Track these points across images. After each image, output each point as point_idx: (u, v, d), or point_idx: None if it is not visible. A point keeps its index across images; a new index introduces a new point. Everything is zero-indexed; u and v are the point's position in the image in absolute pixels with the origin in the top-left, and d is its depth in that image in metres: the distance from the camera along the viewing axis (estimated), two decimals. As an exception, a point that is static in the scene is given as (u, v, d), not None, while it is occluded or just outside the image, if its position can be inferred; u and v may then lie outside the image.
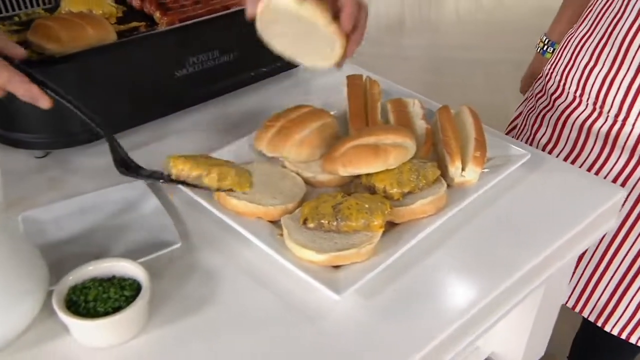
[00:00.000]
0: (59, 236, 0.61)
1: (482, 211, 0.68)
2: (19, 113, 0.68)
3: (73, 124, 0.70)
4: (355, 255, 0.57)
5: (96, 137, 0.72)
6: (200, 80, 0.78)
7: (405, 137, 0.66)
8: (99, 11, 0.80)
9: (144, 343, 0.52)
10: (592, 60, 0.89)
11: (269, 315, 0.55)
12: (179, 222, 0.65)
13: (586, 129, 0.92)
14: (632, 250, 0.92)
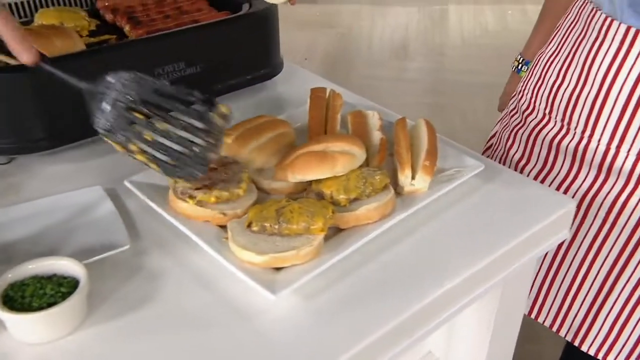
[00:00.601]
0: (10, 237, 0.63)
1: (432, 219, 0.69)
2: (-18, 119, 0.71)
3: (36, 131, 0.73)
4: (295, 257, 0.59)
5: (60, 143, 0.75)
6: (165, 91, 0.81)
7: (353, 145, 0.68)
8: (71, 24, 0.84)
9: (80, 339, 0.54)
10: (559, 78, 0.91)
11: (208, 315, 0.56)
12: (132, 225, 0.67)
13: (555, 145, 0.93)
14: (604, 267, 0.93)
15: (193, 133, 0.60)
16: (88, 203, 0.69)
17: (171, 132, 0.60)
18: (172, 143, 0.59)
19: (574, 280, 0.98)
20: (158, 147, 0.60)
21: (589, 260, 0.95)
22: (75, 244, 0.63)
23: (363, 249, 0.63)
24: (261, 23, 0.90)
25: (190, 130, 0.60)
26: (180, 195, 0.65)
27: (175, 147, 0.60)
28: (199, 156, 0.60)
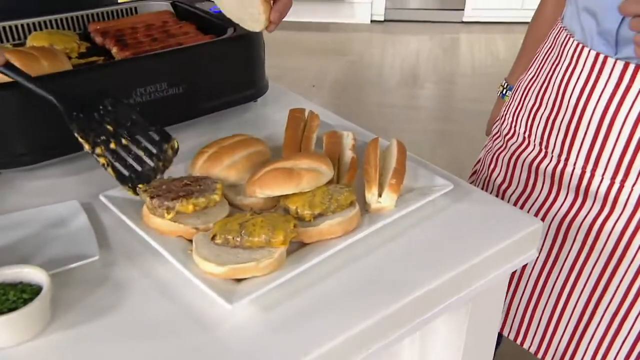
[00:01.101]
0: (-15, 247, 0.66)
1: (398, 236, 0.71)
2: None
3: (18, 146, 0.77)
4: (254, 268, 0.61)
5: (41, 159, 0.79)
6: (149, 110, 0.85)
7: (320, 163, 0.71)
8: (60, 46, 0.89)
9: (41, 345, 0.56)
10: (537, 102, 0.94)
11: (169, 324, 0.59)
12: (104, 238, 0.70)
13: (534, 168, 0.95)
14: (585, 291, 0.93)
15: (148, 156, 0.75)
16: (63, 216, 0.72)
17: (131, 149, 0.74)
18: (130, 157, 0.74)
19: (556, 304, 0.98)
20: (118, 156, 0.73)
21: (570, 284, 0.95)
22: (47, 255, 0.65)
23: (326, 263, 0.65)
24: (244, 46, 0.93)
25: (146, 153, 0.75)
26: (157, 210, 0.68)
27: (130, 161, 0.73)
28: (146, 173, 0.74)
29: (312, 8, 4.65)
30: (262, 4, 0.79)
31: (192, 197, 0.68)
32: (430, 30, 4.71)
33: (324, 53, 4.20)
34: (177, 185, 0.70)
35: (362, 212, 0.72)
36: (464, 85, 3.81)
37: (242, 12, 0.83)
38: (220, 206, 0.71)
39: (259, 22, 0.82)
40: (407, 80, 3.86)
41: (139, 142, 0.75)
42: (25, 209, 0.73)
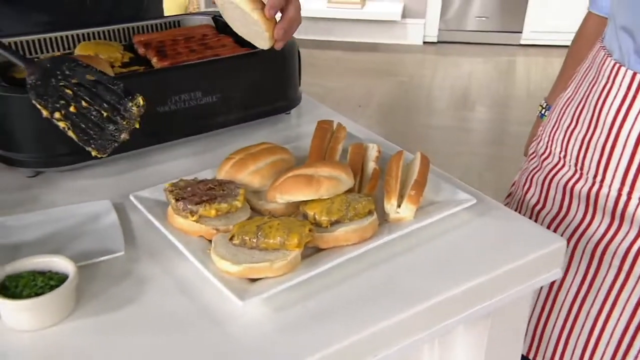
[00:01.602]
0: (21, 239, 0.72)
1: (415, 247, 0.73)
2: (14, 134, 0.82)
3: (59, 147, 0.83)
4: (268, 269, 0.64)
5: (80, 160, 0.85)
6: (182, 117, 0.90)
7: (340, 172, 0.74)
8: (105, 55, 0.96)
9: (64, 330, 0.61)
10: (573, 122, 0.94)
11: (184, 318, 0.62)
12: (131, 236, 0.75)
13: (569, 189, 0.94)
14: (622, 320, 0.91)
15: (111, 114, 0.75)
16: (95, 214, 0.77)
17: (93, 110, 0.75)
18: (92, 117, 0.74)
19: (591, 332, 0.96)
20: (79, 119, 0.74)
21: (606, 311, 0.93)
22: (77, 248, 0.71)
23: (340, 269, 0.68)
24: (277, 59, 0.98)
25: (110, 112, 0.75)
26: (181, 212, 0.72)
27: (94, 123, 0.74)
28: (112, 133, 0.75)
29: (362, 29, 4.72)
30: (264, 22, 0.81)
31: (215, 202, 0.72)
32: (485, 52, 4.69)
33: (372, 74, 4.25)
34: (201, 188, 0.74)
35: (382, 222, 0.75)
36: (518, 108, 3.76)
37: (250, 30, 0.85)
38: (241, 210, 0.74)
39: (265, 39, 0.83)
40: (457, 103, 3.85)
41: (101, 103, 0.75)
42: (61, 206, 0.79)
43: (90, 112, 0.74)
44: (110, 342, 0.60)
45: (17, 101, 0.79)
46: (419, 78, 4.21)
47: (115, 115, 0.75)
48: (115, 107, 0.75)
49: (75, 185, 0.86)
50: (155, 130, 0.90)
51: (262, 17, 0.81)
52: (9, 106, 0.80)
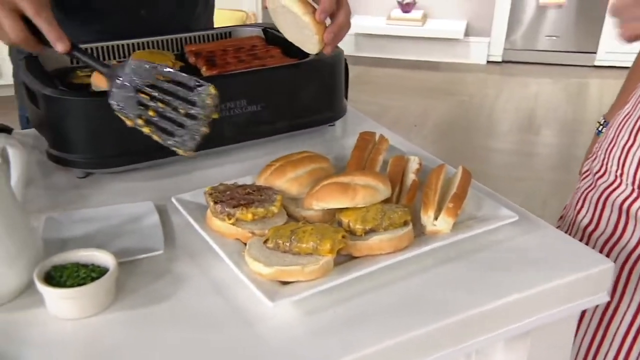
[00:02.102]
0: (69, 235, 0.79)
1: (452, 260, 0.76)
2: (68, 135, 0.90)
3: (108, 149, 0.91)
4: (299, 272, 0.68)
5: (127, 162, 0.92)
6: (227, 125, 0.97)
7: (377, 181, 0.77)
8: (156, 64, 1.03)
9: (103, 321, 0.66)
10: (631, 139, 0.94)
11: (216, 316, 0.67)
12: (171, 236, 0.81)
13: (625, 210, 0.94)
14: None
15: (188, 110, 0.80)
16: (138, 214, 0.84)
17: (170, 109, 0.79)
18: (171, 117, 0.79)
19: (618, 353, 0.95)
20: (160, 121, 0.79)
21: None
22: (119, 245, 0.77)
23: (372, 278, 0.71)
24: (323, 70, 1.03)
25: (186, 108, 0.80)
26: (219, 215, 0.78)
27: (174, 120, 0.79)
28: (192, 129, 0.80)
29: (422, 47, 4.75)
30: (315, 25, 0.88)
31: (252, 206, 0.77)
32: (554, 73, 4.62)
33: (432, 93, 4.26)
34: (240, 192, 0.80)
35: (419, 234, 0.77)
36: (588, 133, 3.68)
37: (300, 34, 0.92)
38: (278, 216, 0.79)
39: (314, 44, 0.90)
40: (521, 125, 3.81)
41: (175, 100, 0.79)
42: (108, 206, 0.86)
43: (168, 112, 0.79)
44: (145, 334, 0.65)
45: (74, 104, 0.87)
46: (480, 98, 4.20)
47: (191, 109, 0.79)
48: (189, 101, 0.79)
49: (122, 187, 0.93)
50: (200, 137, 0.96)
51: (313, 20, 0.88)
52: (66, 109, 0.88)
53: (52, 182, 0.94)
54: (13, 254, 0.67)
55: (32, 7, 0.77)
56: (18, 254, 0.68)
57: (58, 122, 0.90)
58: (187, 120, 0.79)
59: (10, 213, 0.68)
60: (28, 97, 0.95)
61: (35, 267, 0.67)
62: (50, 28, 0.79)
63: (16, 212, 0.69)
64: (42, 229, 0.79)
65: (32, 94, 0.92)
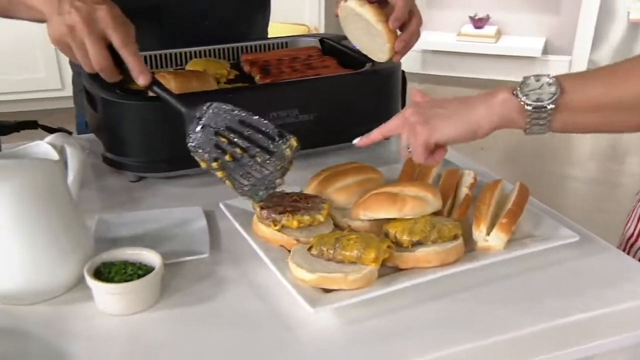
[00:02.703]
0: (120, 235, 0.86)
1: (503, 278, 0.78)
2: (124, 139, 0.98)
3: (161, 154, 0.98)
4: (342, 280, 0.71)
5: (179, 167, 0.99)
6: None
7: (427, 192, 0.80)
8: (212, 71, 1.11)
9: (150, 318, 0.72)
10: None
11: (257, 319, 0.72)
12: (217, 241, 0.86)
13: None
14: None
15: (265, 160, 0.82)
16: (187, 218, 0.90)
17: (248, 157, 0.82)
18: (248, 166, 0.82)
19: None
20: (235, 167, 0.82)
21: None
22: (166, 247, 0.83)
23: (417, 291, 0.74)
24: (377, 81, 1.08)
25: (263, 158, 0.82)
26: (265, 220, 0.83)
27: (249, 170, 0.82)
28: (267, 179, 0.83)
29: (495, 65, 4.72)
30: (387, 33, 0.93)
31: (298, 213, 0.81)
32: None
33: (504, 114, 4.23)
34: (287, 200, 0.84)
35: (470, 249, 0.80)
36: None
37: (371, 42, 0.98)
38: (324, 225, 0.83)
39: (384, 51, 0.95)
40: (604, 152, 3.72)
41: (254, 147, 0.81)
42: (157, 209, 0.93)
43: (245, 159, 0.81)
44: (187, 333, 0.70)
45: (130, 108, 0.95)
46: (557, 121, 4.13)
47: (269, 159, 0.82)
48: (268, 151, 0.81)
49: (172, 191, 1.00)
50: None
51: (386, 28, 0.94)
52: (122, 112, 0.96)
53: (105, 184, 1.02)
54: (67, 251, 0.74)
55: (120, 38, 0.82)
56: (72, 250, 0.74)
57: (114, 125, 0.97)
58: (263, 170, 0.82)
59: (66, 211, 0.75)
60: (87, 101, 1.04)
61: (86, 260, 0.74)
62: (135, 61, 0.83)
63: (72, 210, 0.76)
64: (93, 229, 0.86)
65: (92, 98, 1.00)
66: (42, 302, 0.74)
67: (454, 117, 0.78)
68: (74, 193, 0.81)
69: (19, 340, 0.69)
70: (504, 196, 0.88)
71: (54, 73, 3.67)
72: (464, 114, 0.78)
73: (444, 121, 0.78)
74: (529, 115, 0.75)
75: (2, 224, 0.71)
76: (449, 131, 0.78)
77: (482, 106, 0.78)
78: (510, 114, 0.76)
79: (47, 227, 0.72)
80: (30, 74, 3.66)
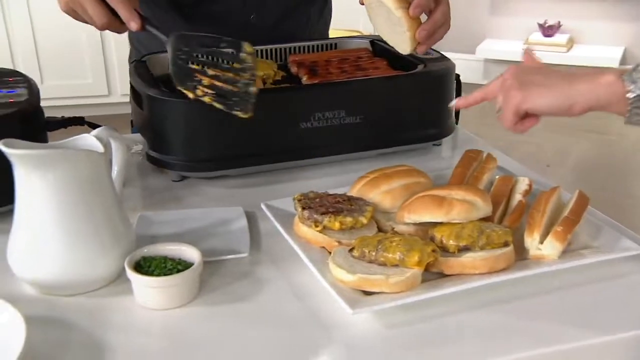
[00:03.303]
0: (161, 232, 0.91)
1: (556, 289, 0.79)
2: (167, 137, 1.03)
3: (203, 154, 1.03)
4: (383, 283, 0.74)
5: (220, 167, 1.04)
6: (324, 135, 1.06)
7: (476, 197, 0.82)
8: (260, 72, 1.15)
9: (188, 314, 0.77)
10: None
11: (293, 319, 0.76)
12: (258, 241, 0.90)
13: None
14: None
15: (235, 76, 0.93)
16: (228, 218, 0.94)
17: (220, 75, 0.92)
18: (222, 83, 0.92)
19: None
20: (215, 89, 0.92)
21: None
22: (206, 246, 0.87)
23: (462, 298, 0.76)
24: (430, 83, 1.10)
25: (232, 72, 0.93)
26: (306, 221, 0.86)
27: (226, 90, 0.92)
28: (243, 90, 0.93)
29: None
30: (407, 21, 0.93)
31: (341, 215, 0.85)
32: None
33: (572, 130, 4.16)
34: (330, 200, 0.88)
35: (521, 259, 0.81)
36: None
37: (393, 32, 0.98)
38: (367, 228, 0.86)
39: (406, 42, 0.95)
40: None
41: (221, 65, 0.93)
42: (199, 208, 0.98)
43: (219, 79, 0.92)
44: (225, 329, 0.74)
45: (174, 106, 1.00)
46: (635, 138, 4.04)
47: (237, 71, 0.92)
48: (233, 65, 0.92)
49: (214, 192, 1.05)
50: (295, 146, 1.06)
51: (406, 15, 0.93)
52: (166, 110, 1.01)
53: (148, 183, 1.08)
54: (108, 244, 0.79)
55: None
56: (113, 244, 0.79)
57: (158, 123, 1.03)
58: (238, 84, 0.92)
59: (109, 204, 0.80)
60: (133, 99, 1.10)
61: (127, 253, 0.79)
62: (123, 8, 0.94)
63: (115, 204, 0.81)
64: (135, 225, 0.91)
65: (138, 96, 1.06)
66: (83, 294, 0.79)
67: (553, 87, 0.79)
68: (118, 187, 0.86)
69: (59, 329, 0.74)
70: (560, 205, 0.89)
71: (101, 79, 3.83)
72: (563, 86, 0.78)
73: (541, 89, 0.79)
74: (630, 103, 0.75)
75: (45, 214, 0.76)
76: (543, 101, 0.79)
77: (585, 83, 0.77)
78: (611, 98, 0.76)
79: (89, 218, 0.78)
80: (78, 80, 3.83)
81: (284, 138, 1.06)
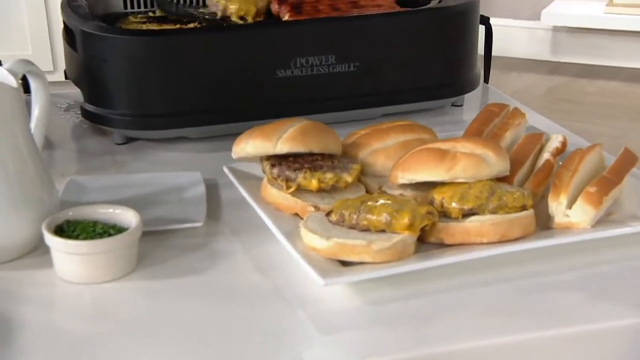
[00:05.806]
0: (95, 199, 0.97)
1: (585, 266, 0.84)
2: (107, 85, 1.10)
3: (154, 107, 1.09)
4: (364, 249, 0.79)
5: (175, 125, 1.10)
6: (307, 87, 1.12)
7: (487, 149, 0.87)
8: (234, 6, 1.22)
9: (121, 288, 0.83)
10: None
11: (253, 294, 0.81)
12: (217, 212, 0.97)
13: None
14: None
15: None
16: (182, 185, 1.01)
17: None
18: None
19: None
20: None
21: None
22: (153, 214, 0.93)
23: (465, 271, 0.81)
24: (446, 22, 1.16)
25: None
26: (276, 182, 0.92)
27: None
28: None
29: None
30: None
31: (319, 171, 0.90)
32: None
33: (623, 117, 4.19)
34: (306, 159, 0.93)
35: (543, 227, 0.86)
36: None
37: None
38: (352, 191, 0.91)
39: None
40: None
41: None
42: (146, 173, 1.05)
43: None
44: (169, 307, 0.80)
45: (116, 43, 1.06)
46: None
47: None
48: None
49: (167, 156, 1.12)
50: (270, 101, 1.12)
51: None
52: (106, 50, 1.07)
53: (84, 146, 1.15)
54: (21, 205, 0.85)
55: None
56: (27, 205, 0.85)
57: (97, 67, 1.09)
58: None
59: (25, 154, 0.86)
60: (66, 41, 1.17)
61: (47, 216, 0.85)
62: None
63: (32, 156, 0.88)
64: (61, 191, 0.98)
65: (70, 34, 1.13)
66: (-8, 265, 0.86)
67: None
68: (37, 138, 0.92)
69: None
70: (601, 168, 0.93)
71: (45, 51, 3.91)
72: None
73: None
74: None
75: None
76: None
77: None
78: None
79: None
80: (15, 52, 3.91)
81: (257, 90, 1.12)
